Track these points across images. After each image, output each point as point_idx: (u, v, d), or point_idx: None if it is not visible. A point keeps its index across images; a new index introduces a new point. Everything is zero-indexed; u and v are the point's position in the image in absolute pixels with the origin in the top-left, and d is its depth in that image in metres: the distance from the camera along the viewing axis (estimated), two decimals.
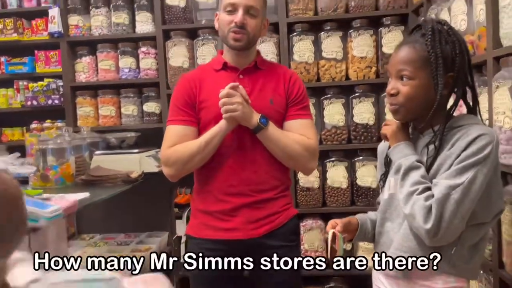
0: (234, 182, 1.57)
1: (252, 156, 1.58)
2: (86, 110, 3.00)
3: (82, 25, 2.99)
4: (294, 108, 1.63)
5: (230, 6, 1.56)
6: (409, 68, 1.17)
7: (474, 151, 1.10)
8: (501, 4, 1.45)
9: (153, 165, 2.38)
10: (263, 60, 1.70)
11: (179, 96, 1.63)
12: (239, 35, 1.55)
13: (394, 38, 2.71)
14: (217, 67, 1.65)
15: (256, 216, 1.58)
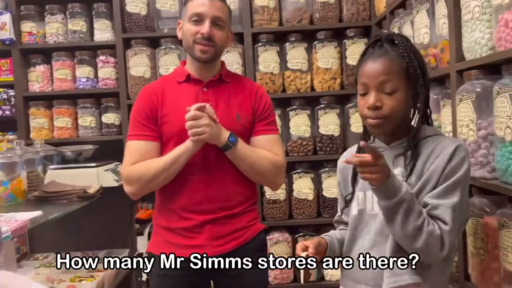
0: (198, 200, 1.51)
1: (218, 173, 1.52)
2: (40, 121, 2.84)
3: (36, 32, 2.85)
4: (261, 124, 1.59)
5: (196, 16, 1.49)
6: (393, 79, 1.14)
7: (457, 163, 1.11)
8: (463, 18, 1.47)
9: (111, 180, 2.27)
10: (228, 72, 1.64)
11: (140, 109, 1.55)
12: (207, 47, 1.49)
13: (358, 50, 2.74)
14: (180, 79, 1.58)
15: (222, 232, 1.52)
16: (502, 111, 1.23)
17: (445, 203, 1.09)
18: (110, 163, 2.46)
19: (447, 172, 1.11)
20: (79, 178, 2.22)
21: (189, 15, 1.51)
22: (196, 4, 1.51)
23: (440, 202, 1.10)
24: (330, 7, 2.76)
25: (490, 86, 1.32)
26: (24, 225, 1.42)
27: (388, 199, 1.06)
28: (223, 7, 1.54)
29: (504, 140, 1.23)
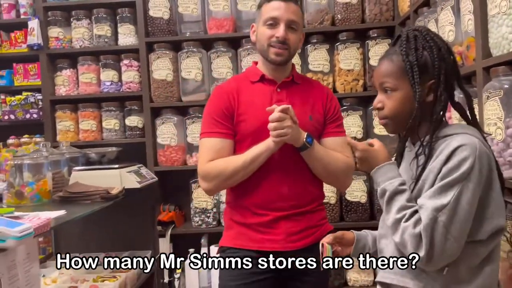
0: (272, 197, 1.54)
1: (291, 172, 1.55)
2: (66, 124, 2.90)
3: (62, 37, 2.92)
4: (331, 126, 1.62)
5: (271, 20, 1.52)
6: (390, 80, 1.14)
7: (455, 165, 1.03)
8: (490, 13, 1.43)
9: (134, 181, 2.29)
10: (299, 74, 1.69)
11: (215, 107, 1.58)
12: (281, 50, 1.52)
13: (381, 51, 2.69)
14: (253, 79, 1.61)
15: (296, 228, 1.55)
16: None
17: (428, 203, 1.04)
18: (133, 165, 2.48)
19: (442, 173, 1.04)
20: (102, 179, 2.25)
21: (265, 18, 1.54)
22: (271, 8, 1.53)
23: (424, 202, 1.05)
24: (352, 8, 2.73)
25: None
26: (47, 223, 1.44)
27: (376, 185, 1.13)
28: (297, 10, 1.57)
29: None
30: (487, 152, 1.07)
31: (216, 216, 2.83)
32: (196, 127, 2.81)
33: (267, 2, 1.56)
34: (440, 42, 1.13)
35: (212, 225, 2.82)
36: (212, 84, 2.81)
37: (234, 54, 2.82)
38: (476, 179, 1.03)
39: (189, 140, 2.82)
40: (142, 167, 2.65)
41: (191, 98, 2.84)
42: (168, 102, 2.85)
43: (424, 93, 1.11)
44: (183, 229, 2.90)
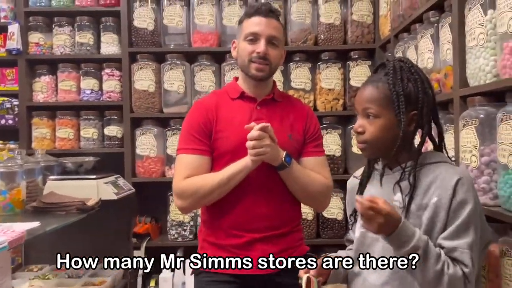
0: (247, 218, 1.49)
1: (268, 193, 1.51)
2: (42, 131, 2.84)
3: (43, 43, 2.87)
4: (311, 145, 1.60)
5: (252, 35, 1.51)
6: (374, 106, 1.17)
7: (463, 199, 1.08)
8: (468, 45, 1.48)
9: (111, 192, 2.26)
10: (280, 92, 1.67)
11: (194, 123, 1.54)
12: (262, 65, 1.50)
13: (361, 72, 2.76)
14: (233, 95, 1.58)
15: (271, 251, 1.50)
16: (506, 138, 1.23)
17: (461, 244, 1.07)
18: (110, 175, 2.45)
19: (454, 207, 1.08)
20: (78, 190, 2.21)
21: (245, 34, 1.52)
22: (252, 23, 1.52)
23: (456, 244, 1.07)
24: (335, 29, 2.79)
25: (493, 112, 1.32)
26: (21, 236, 1.40)
27: (401, 248, 1.05)
28: (279, 26, 1.56)
29: (507, 167, 1.23)
30: None
31: (193, 229, 2.81)
32: (176, 139, 2.79)
33: (247, 17, 1.55)
34: (423, 75, 1.18)
35: (189, 238, 2.79)
36: (194, 96, 2.82)
37: (218, 68, 2.84)
38: (479, 206, 1.12)
39: (169, 152, 2.81)
40: (120, 178, 2.62)
41: (173, 110, 2.83)
42: (149, 113, 2.83)
43: (407, 123, 1.15)
44: (159, 241, 2.86)
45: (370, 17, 2.79)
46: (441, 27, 1.71)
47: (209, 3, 2.82)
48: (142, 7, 2.82)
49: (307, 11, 2.78)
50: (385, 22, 2.57)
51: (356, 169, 3.00)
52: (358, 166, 2.72)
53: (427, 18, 1.86)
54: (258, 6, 1.54)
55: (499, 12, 1.26)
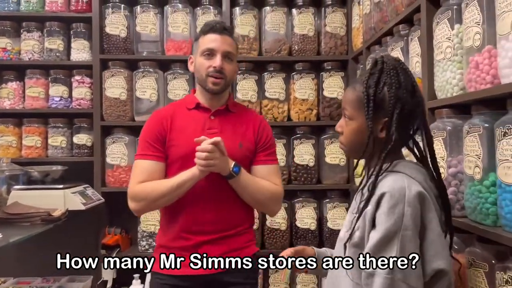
0: (197, 222, 1.61)
1: (217, 198, 1.62)
2: (7, 139, 2.75)
3: (10, 48, 2.79)
4: (262, 154, 1.70)
5: (208, 51, 1.63)
6: (349, 108, 1.15)
7: (385, 213, 1.02)
8: (435, 58, 1.52)
9: (79, 203, 2.20)
10: (234, 103, 1.77)
11: (150, 131, 1.66)
12: (218, 79, 1.62)
13: (334, 83, 2.79)
14: (189, 106, 1.69)
15: (218, 252, 1.62)
16: (472, 150, 1.25)
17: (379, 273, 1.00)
18: (78, 185, 2.39)
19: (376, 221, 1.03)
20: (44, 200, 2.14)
21: (202, 50, 1.64)
22: (208, 40, 1.64)
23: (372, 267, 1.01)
24: (308, 40, 2.81)
25: (460, 125, 1.35)
26: None
27: None
28: (232, 43, 1.68)
29: (473, 179, 1.25)
30: (419, 193, 1.04)
31: None
32: None
33: (203, 34, 1.66)
34: (404, 79, 1.10)
35: None
36: (167, 105, 2.78)
37: (191, 77, 2.81)
38: (410, 226, 1.01)
39: None
40: (89, 187, 2.55)
41: (145, 118, 2.77)
42: (120, 121, 2.78)
43: (378, 128, 1.11)
44: (129, 253, 2.79)
45: (343, 29, 2.83)
46: (411, 40, 1.75)
47: (183, 12, 2.80)
48: (115, 14, 2.78)
49: (281, 22, 2.80)
50: (357, 34, 2.62)
51: (330, 179, 3.04)
52: (331, 176, 2.77)
53: (398, 31, 1.90)
54: (213, 24, 1.66)
55: (466, 26, 1.30)
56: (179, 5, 2.81)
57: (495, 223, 1.20)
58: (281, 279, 1.26)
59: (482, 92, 1.21)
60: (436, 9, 1.52)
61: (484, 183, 1.22)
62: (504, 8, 1.10)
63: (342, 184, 2.78)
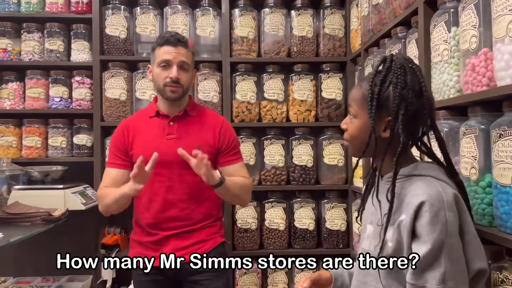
0: (162, 219, 1.78)
1: (180, 197, 1.79)
2: (8, 139, 2.75)
3: (11, 49, 2.80)
4: (227, 155, 1.86)
5: (164, 62, 1.76)
6: (354, 105, 1.15)
7: (428, 222, 0.98)
8: (433, 60, 1.53)
9: (79, 203, 2.22)
10: (193, 107, 1.89)
11: (114, 142, 1.87)
12: (175, 88, 1.76)
13: (333, 84, 2.81)
14: (151, 114, 1.86)
15: (183, 244, 1.79)
16: (468, 151, 1.27)
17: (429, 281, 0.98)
18: (78, 185, 2.40)
19: (419, 233, 1.00)
20: (44, 200, 2.16)
21: (158, 61, 1.77)
22: (163, 52, 1.76)
23: (423, 281, 0.98)
24: (307, 41, 2.83)
25: (457, 126, 1.37)
26: None
27: None
28: (187, 53, 1.80)
29: (469, 180, 1.27)
30: (454, 196, 1.03)
31: None
32: None
33: (159, 46, 1.78)
34: (411, 79, 1.07)
35: None
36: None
37: None
38: (454, 231, 1.00)
39: None
40: (88, 187, 2.57)
41: None
42: (120, 121, 2.78)
43: (381, 128, 1.10)
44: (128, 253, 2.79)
45: (341, 31, 2.85)
46: (408, 42, 1.76)
47: (182, 13, 2.82)
48: (115, 15, 2.79)
49: (280, 24, 2.82)
50: (356, 36, 2.64)
51: (328, 179, 3.05)
52: (329, 177, 2.79)
53: (395, 33, 1.91)
54: (168, 36, 1.78)
55: (462, 29, 1.32)
56: (178, 7, 2.82)
57: (491, 224, 1.22)
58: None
59: (478, 94, 1.23)
60: (434, 12, 1.53)
61: (480, 184, 1.24)
62: (500, 11, 1.12)
63: (340, 184, 2.79)
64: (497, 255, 1.18)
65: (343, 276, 1.30)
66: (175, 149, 1.65)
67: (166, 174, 1.76)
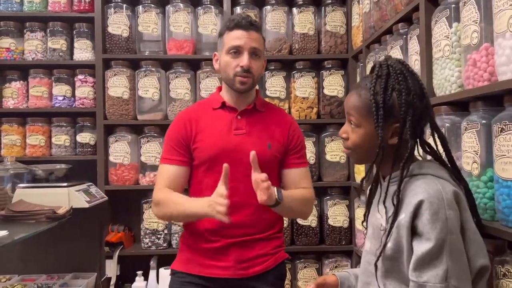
0: (224, 224, 1.44)
1: (245, 201, 1.52)
2: (12, 138, 2.77)
3: (14, 48, 2.81)
4: (293, 157, 1.62)
5: (234, 49, 1.54)
6: (355, 115, 1.11)
7: (428, 220, 0.98)
8: (434, 56, 1.54)
9: (83, 201, 2.22)
10: (262, 102, 1.68)
11: (173, 135, 1.61)
12: (246, 78, 1.54)
13: (334, 81, 2.81)
14: (215, 106, 1.62)
15: (247, 256, 1.55)
16: (470, 146, 1.27)
17: (430, 279, 0.97)
18: (82, 183, 2.41)
19: (420, 231, 1.00)
20: (49, 198, 2.16)
21: (228, 48, 1.54)
22: (233, 37, 1.54)
23: (425, 279, 0.98)
24: (309, 38, 2.83)
25: (458, 121, 1.37)
26: None
27: None
28: (259, 38, 1.57)
29: (471, 175, 1.28)
30: (454, 193, 1.03)
31: (167, 237, 2.79)
32: (151, 146, 2.77)
33: (228, 30, 1.56)
34: (413, 84, 1.07)
35: (163, 246, 2.77)
36: (169, 104, 2.81)
37: (193, 76, 2.84)
38: (454, 229, 0.99)
39: (143, 159, 2.78)
40: (92, 185, 2.58)
41: (147, 117, 2.82)
42: (122, 120, 2.80)
43: (388, 135, 1.08)
44: (132, 250, 2.82)
45: (343, 28, 2.85)
46: (410, 38, 1.77)
47: (184, 11, 2.83)
48: (117, 14, 2.80)
49: (282, 21, 2.83)
50: (357, 33, 2.64)
51: (330, 176, 3.07)
52: (332, 174, 2.80)
53: (397, 30, 1.92)
54: (239, 19, 1.55)
55: (463, 25, 1.32)
56: (180, 5, 2.83)
57: (493, 218, 1.22)
58: None
59: (479, 89, 1.23)
60: (435, 8, 1.54)
61: (482, 178, 1.24)
62: (501, 6, 1.12)
63: (342, 181, 2.80)
64: (499, 249, 1.19)
65: (349, 279, 1.29)
66: (244, 146, 1.50)
67: (231, 173, 1.45)
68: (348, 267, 2.72)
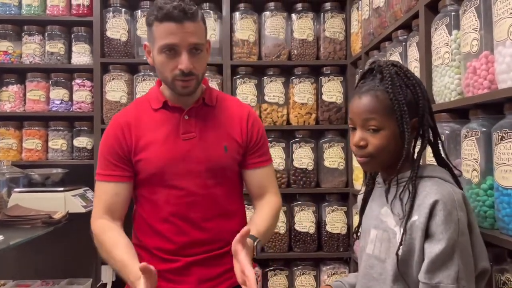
0: (183, 243, 1.33)
1: (204, 216, 1.34)
2: (8, 142, 2.75)
3: (11, 51, 2.80)
4: (256, 155, 1.42)
5: (169, 48, 1.25)
6: (377, 117, 1.07)
7: (442, 221, 0.98)
8: (434, 63, 1.54)
9: (79, 205, 2.21)
10: (211, 94, 1.41)
11: (108, 145, 1.34)
12: (188, 82, 1.28)
13: (333, 87, 2.81)
14: (155, 106, 1.36)
15: (212, 274, 1.35)
16: (469, 154, 1.27)
17: (443, 280, 0.97)
18: (79, 188, 2.40)
19: (432, 231, 1.00)
20: (45, 202, 2.15)
21: (160, 46, 1.25)
22: (165, 31, 1.24)
23: (438, 280, 0.98)
24: (308, 44, 2.84)
25: (458, 129, 1.37)
26: None
27: None
28: (197, 26, 1.27)
29: (471, 182, 1.27)
30: (463, 196, 1.04)
31: None
32: None
33: (157, 21, 1.25)
34: (419, 80, 1.11)
35: None
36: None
37: None
38: (464, 230, 1.01)
39: None
40: (89, 190, 2.57)
41: None
42: None
43: (410, 132, 1.08)
44: None
45: (342, 34, 2.85)
46: (409, 45, 1.77)
47: None
48: (116, 18, 2.80)
49: (281, 27, 2.83)
50: (356, 40, 2.64)
51: (328, 182, 3.05)
52: (330, 180, 2.79)
53: (396, 37, 1.92)
54: (169, 8, 1.22)
55: (463, 32, 1.32)
56: None
57: (493, 226, 1.22)
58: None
59: (479, 97, 1.23)
60: (434, 15, 1.54)
61: (482, 186, 1.24)
62: (501, 14, 1.12)
63: (341, 187, 2.79)
64: (498, 258, 1.18)
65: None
66: (196, 153, 1.31)
67: (185, 186, 1.30)
68: (346, 274, 2.71)
